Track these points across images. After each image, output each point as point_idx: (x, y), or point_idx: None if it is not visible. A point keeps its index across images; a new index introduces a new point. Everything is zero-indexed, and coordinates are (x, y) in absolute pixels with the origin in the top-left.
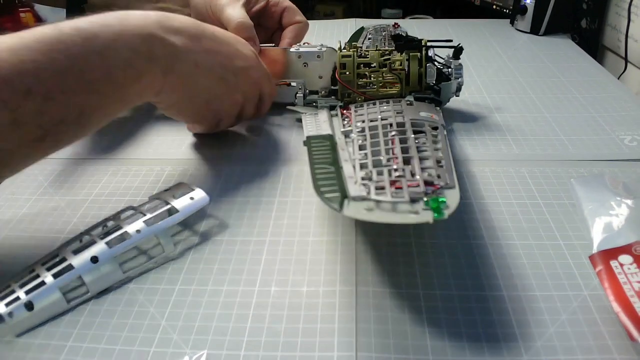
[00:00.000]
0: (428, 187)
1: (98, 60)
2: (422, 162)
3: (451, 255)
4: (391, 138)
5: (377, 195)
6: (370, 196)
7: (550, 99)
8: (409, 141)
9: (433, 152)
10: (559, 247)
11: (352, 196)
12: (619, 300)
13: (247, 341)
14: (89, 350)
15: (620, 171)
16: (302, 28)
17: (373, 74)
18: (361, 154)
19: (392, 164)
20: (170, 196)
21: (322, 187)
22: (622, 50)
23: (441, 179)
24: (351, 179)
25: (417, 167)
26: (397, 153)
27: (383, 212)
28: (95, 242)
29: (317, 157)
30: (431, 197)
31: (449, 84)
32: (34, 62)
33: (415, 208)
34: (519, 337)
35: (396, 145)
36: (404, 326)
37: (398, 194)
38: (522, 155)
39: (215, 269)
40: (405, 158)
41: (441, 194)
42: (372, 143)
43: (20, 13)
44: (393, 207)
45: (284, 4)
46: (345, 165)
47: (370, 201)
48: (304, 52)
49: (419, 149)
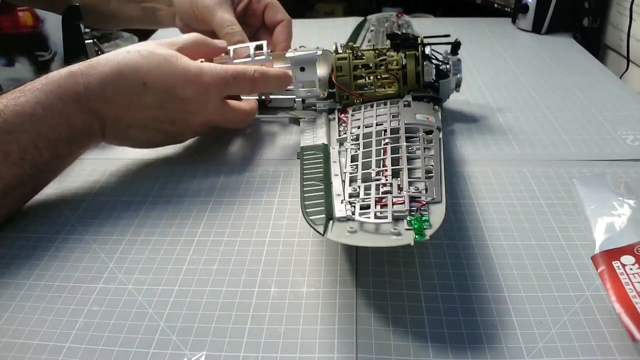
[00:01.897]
0: (413, 204)
1: (46, 145)
2: (412, 172)
3: (452, 255)
4: (384, 147)
5: (361, 215)
6: (355, 217)
7: (552, 99)
8: (400, 150)
9: (424, 161)
10: (560, 247)
11: (337, 217)
12: (621, 301)
13: (246, 342)
14: (87, 351)
15: (622, 171)
16: (289, 26)
17: (370, 75)
18: (352, 167)
19: (381, 178)
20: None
21: (309, 207)
22: (624, 50)
23: (428, 193)
24: (338, 197)
25: (405, 180)
26: (387, 164)
27: (365, 234)
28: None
29: (307, 171)
30: (415, 216)
31: (447, 80)
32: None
33: (398, 228)
34: (521, 338)
35: (387, 156)
36: (404, 327)
37: (382, 214)
38: (523, 155)
39: (215, 270)
40: (395, 171)
41: (426, 211)
42: (364, 153)
43: (18, 12)
44: (376, 228)
45: (266, 1)
46: (335, 180)
47: (354, 223)
48: (300, 56)
49: (410, 157)
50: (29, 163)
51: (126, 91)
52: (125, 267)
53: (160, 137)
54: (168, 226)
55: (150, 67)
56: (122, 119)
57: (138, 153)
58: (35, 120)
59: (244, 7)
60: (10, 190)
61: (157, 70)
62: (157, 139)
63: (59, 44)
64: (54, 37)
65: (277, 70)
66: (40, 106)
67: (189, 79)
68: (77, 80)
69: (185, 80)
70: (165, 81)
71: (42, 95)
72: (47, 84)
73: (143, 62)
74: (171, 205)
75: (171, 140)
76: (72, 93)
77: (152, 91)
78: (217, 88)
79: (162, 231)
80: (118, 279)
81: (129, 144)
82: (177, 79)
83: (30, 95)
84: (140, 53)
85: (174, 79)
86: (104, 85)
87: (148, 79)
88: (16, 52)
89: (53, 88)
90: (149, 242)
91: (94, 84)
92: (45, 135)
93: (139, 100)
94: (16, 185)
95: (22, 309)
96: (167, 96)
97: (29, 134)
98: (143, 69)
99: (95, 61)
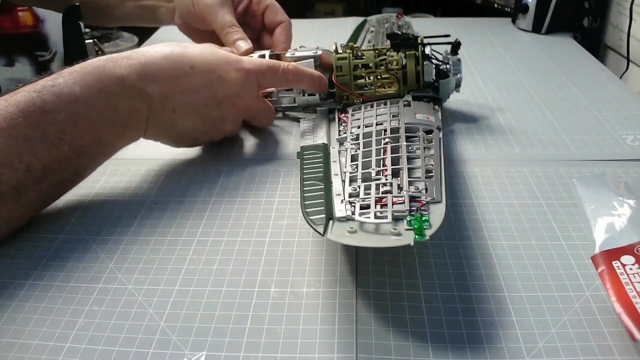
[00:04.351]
0: (413, 204)
1: (85, 125)
2: (412, 172)
3: (452, 255)
4: (384, 147)
5: (361, 215)
6: (355, 216)
7: (552, 98)
8: (400, 149)
9: (424, 161)
10: (560, 247)
11: (337, 217)
12: (621, 301)
13: (246, 342)
14: (87, 351)
15: (622, 171)
16: (289, 27)
17: (370, 75)
18: (352, 166)
19: (380, 177)
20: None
21: (309, 207)
22: (624, 50)
23: (428, 193)
24: (338, 197)
25: (405, 179)
26: (387, 164)
27: (365, 234)
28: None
29: (307, 171)
30: (415, 216)
31: (447, 80)
32: (28, 140)
33: (398, 228)
34: (521, 338)
35: (387, 155)
36: (404, 327)
37: (382, 213)
38: (523, 155)
39: (215, 270)
40: (395, 170)
41: (426, 211)
42: (364, 153)
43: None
44: (376, 228)
45: (266, 2)
46: (335, 180)
47: (354, 222)
48: (299, 57)
49: (410, 157)
50: (69, 144)
51: (173, 72)
52: (125, 267)
53: (204, 126)
54: (168, 226)
55: (195, 52)
56: (169, 99)
57: (138, 153)
58: (72, 99)
59: (244, 8)
60: (49, 174)
61: (201, 56)
62: (202, 127)
63: (60, 44)
64: (55, 37)
65: (312, 70)
66: (78, 86)
67: (231, 63)
68: (117, 63)
69: (228, 64)
70: (209, 64)
71: (79, 76)
72: (85, 66)
73: (187, 48)
74: (171, 205)
75: (213, 131)
76: (111, 74)
77: (199, 73)
78: (255, 75)
79: (162, 231)
80: (118, 279)
81: (171, 133)
82: (220, 62)
83: (69, 77)
84: (178, 45)
85: (217, 63)
86: (149, 65)
87: (194, 62)
88: (16, 52)
89: (92, 69)
90: (149, 242)
91: (137, 65)
92: (85, 114)
93: (187, 82)
94: (55, 169)
95: (22, 309)
96: (213, 77)
97: (66, 112)
98: (189, 53)
99: (133, 51)
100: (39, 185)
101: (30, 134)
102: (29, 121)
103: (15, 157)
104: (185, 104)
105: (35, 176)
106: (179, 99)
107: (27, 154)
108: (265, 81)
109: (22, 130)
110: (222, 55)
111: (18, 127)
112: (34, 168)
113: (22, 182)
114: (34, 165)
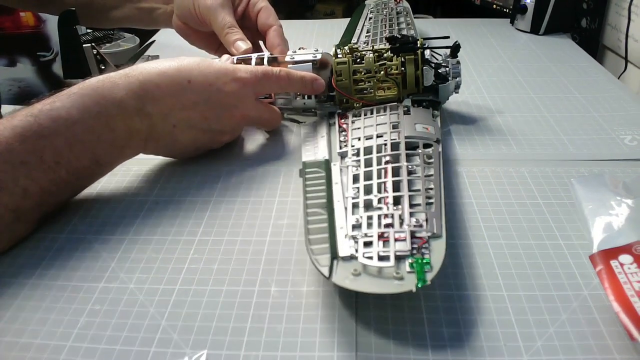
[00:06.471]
0: (415, 240)
1: (83, 148)
2: (413, 197)
3: (451, 254)
4: (384, 168)
5: (364, 255)
6: (358, 254)
7: (551, 99)
8: (401, 171)
9: (424, 184)
10: (559, 246)
11: (341, 256)
12: (619, 300)
13: (247, 341)
14: (89, 350)
15: (620, 171)
16: (280, 31)
17: (370, 78)
18: (354, 189)
19: (382, 206)
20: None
21: (313, 243)
22: (623, 50)
23: (429, 226)
24: (342, 230)
25: (406, 210)
26: (388, 189)
27: (369, 277)
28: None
29: (310, 195)
30: (416, 258)
31: (446, 85)
32: (24, 165)
33: (400, 272)
34: (520, 337)
35: (388, 178)
36: (404, 326)
37: (385, 253)
38: (522, 155)
39: (215, 269)
40: (396, 198)
41: (427, 249)
42: (365, 174)
43: (20, 13)
44: (379, 270)
45: (260, 5)
46: (337, 207)
47: (358, 263)
48: (298, 60)
49: (410, 180)
50: (65, 167)
51: (171, 89)
52: (126, 267)
53: (204, 138)
54: (169, 226)
55: (191, 67)
56: (169, 116)
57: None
58: (70, 123)
59: (243, 9)
60: (47, 197)
61: (197, 70)
62: (202, 140)
63: None
64: (56, 38)
65: (303, 73)
66: (76, 109)
67: (228, 74)
68: (115, 82)
69: (225, 75)
70: (207, 77)
71: (77, 98)
72: (83, 87)
73: (183, 63)
74: (172, 205)
75: (213, 142)
76: (109, 96)
77: (197, 88)
78: (251, 83)
79: (163, 231)
80: (119, 279)
81: (172, 148)
82: (218, 75)
83: (66, 100)
84: (174, 60)
85: (214, 75)
86: (147, 84)
87: (192, 77)
88: (18, 52)
89: (89, 92)
90: (150, 241)
91: (135, 84)
92: (83, 138)
93: (185, 99)
94: (53, 191)
95: (24, 308)
96: (211, 90)
97: (64, 136)
98: (185, 68)
99: (131, 69)
100: (38, 207)
101: (26, 158)
102: (25, 146)
103: (11, 181)
104: (185, 120)
105: (33, 199)
106: (179, 114)
107: (24, 177)
108: (261, 88)
109: (18, 154)
110: (219, 67)
111: (14, 151)
112: (31, 191)
113: (20, 204)
114: (31, 189)
